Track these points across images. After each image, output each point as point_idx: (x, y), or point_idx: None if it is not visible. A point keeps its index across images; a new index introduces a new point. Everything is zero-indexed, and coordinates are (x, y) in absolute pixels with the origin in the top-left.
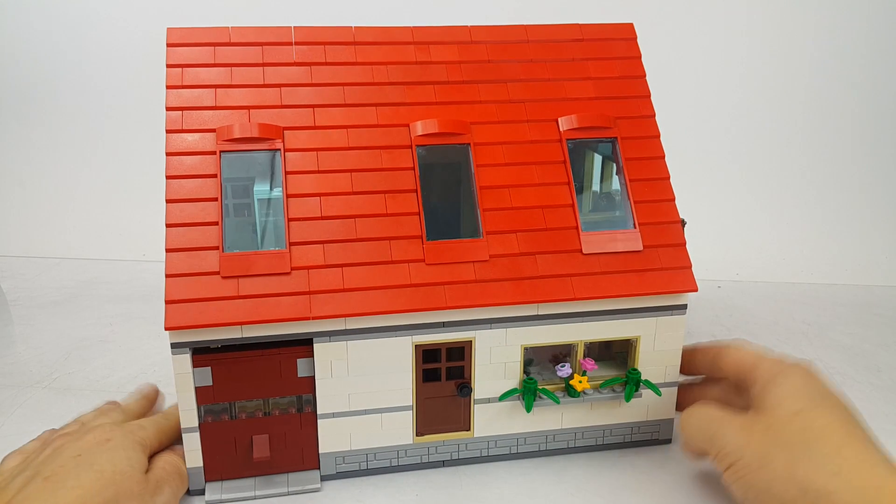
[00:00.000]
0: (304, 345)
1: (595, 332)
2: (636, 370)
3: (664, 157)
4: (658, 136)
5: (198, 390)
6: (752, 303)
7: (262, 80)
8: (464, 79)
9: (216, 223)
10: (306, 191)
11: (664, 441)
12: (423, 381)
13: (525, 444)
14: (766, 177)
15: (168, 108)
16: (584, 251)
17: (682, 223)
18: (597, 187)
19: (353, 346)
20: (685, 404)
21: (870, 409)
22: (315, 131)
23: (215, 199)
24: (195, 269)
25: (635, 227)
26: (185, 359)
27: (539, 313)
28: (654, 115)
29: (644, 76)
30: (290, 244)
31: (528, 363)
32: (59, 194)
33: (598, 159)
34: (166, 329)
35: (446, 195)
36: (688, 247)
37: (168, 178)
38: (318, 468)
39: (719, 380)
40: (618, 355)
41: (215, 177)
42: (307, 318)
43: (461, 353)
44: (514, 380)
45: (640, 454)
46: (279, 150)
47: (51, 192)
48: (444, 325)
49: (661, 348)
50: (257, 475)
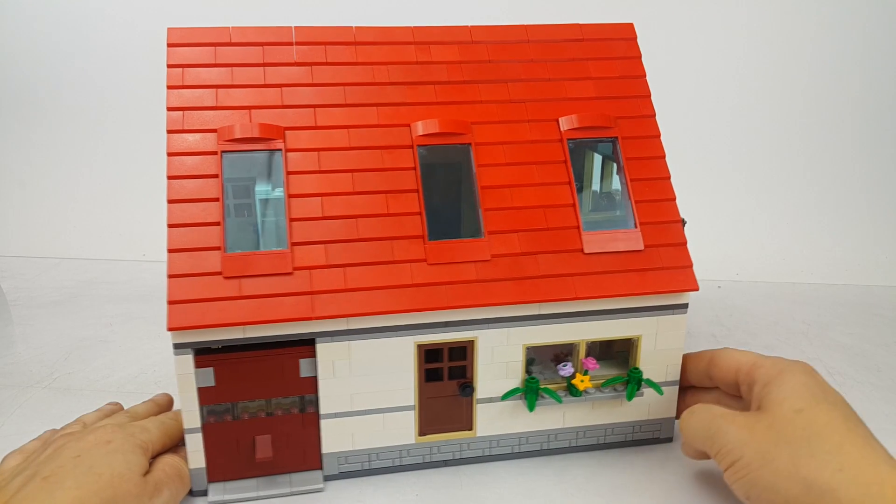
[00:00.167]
0: (306, 345)
1: (596, 331)
2: (638, 369)
3: (665, 156)
4: (658, 135)
5: (200, 391)
6: (752, 303)
7: (263, 81)
8: (464, 79)
9: (218, 223)
10: (308, 191)
11: (665, 440)
12: (426, 381)
13: (527, 443)
14: (766, 177)
15: (169, 109)
16: (586, 251)
17: (682, 223)
18: (597, 187)
19: (356, 346)
20: (679, 412)
21: (870, 409)
22: (316, 131)
23: (217, 200)
24: (197, 270)
25: (636, 227)
26: (188, 359)
27: (541, 313)
28: (654, 115)
29: (644, 76)
30: (292, 244)
31: (529, 362)
32: (59, 194)
33: (598, 159)
34: (169, 330)
35: (447, 195)
36: (688, 246)
37: (169, 178)
38: (321, 468)
39: (711, 389)
40: (619, 354)
41: (217, 177)
42: (310, 319)
43: (463, 352)
44: (516, 379)
45: (641, 453)
46: (280, 150)
47: (51, 192)
48: (446, 324)
49: (662, 347)
50: (260, 476)
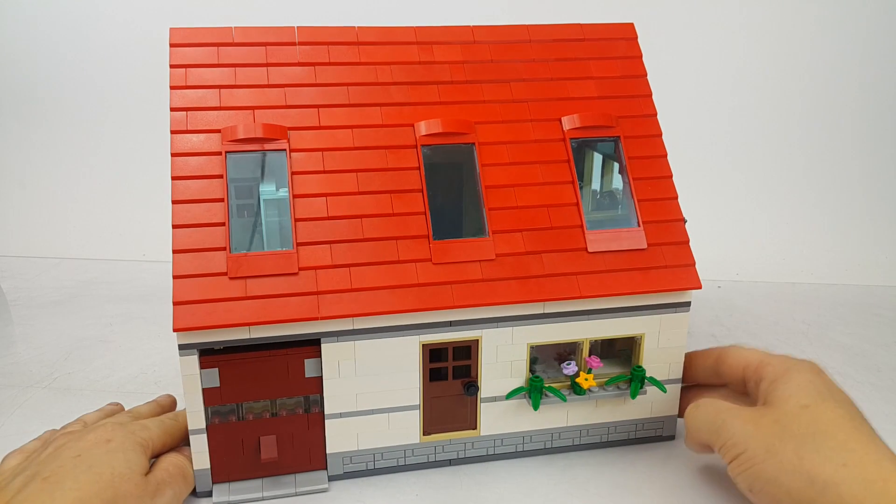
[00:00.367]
0: (311, 345)
1: (600, 329)
2: (641, 367)
3: (666, 155)
4: (660, 134)
5: (205, 391)
6: (752, 303)
7: (267, 81)
8: (467, 78)
9: (223, 224)
10: (312, 191)
11: (668, 438)
12: (430, 381)
13: (531, 441)
14: (767, 177)
15: (172, 109)
16: (590, 249)
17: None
18: (600, 186)
19: (361, 345)
20: (685, 407)
21: (870, 409)
22: (320, 131)
23: (221, 200)
24: (202, 271)
25: (639, 226)
26: (193, 360)
27: (545, 312)
28: (655, 114)
29: (645, 75)
30: (297, 244)
31: (533, 361)
32: (59, 194)
33: (600, 158)
34: (174, 330)
35: (451, 195)
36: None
37: (174, 178)
38: (326, 468)
39: (720, 387)
40: (621, 353)
41: (221, 177)
42: (315, 319)
43: (468, 351)
44: (520, 378)
45: (643, 451)
46: (284, 150)
47: (51, 192)
48: (450, 324)
49: (665, 345)
50: (265, 476)
